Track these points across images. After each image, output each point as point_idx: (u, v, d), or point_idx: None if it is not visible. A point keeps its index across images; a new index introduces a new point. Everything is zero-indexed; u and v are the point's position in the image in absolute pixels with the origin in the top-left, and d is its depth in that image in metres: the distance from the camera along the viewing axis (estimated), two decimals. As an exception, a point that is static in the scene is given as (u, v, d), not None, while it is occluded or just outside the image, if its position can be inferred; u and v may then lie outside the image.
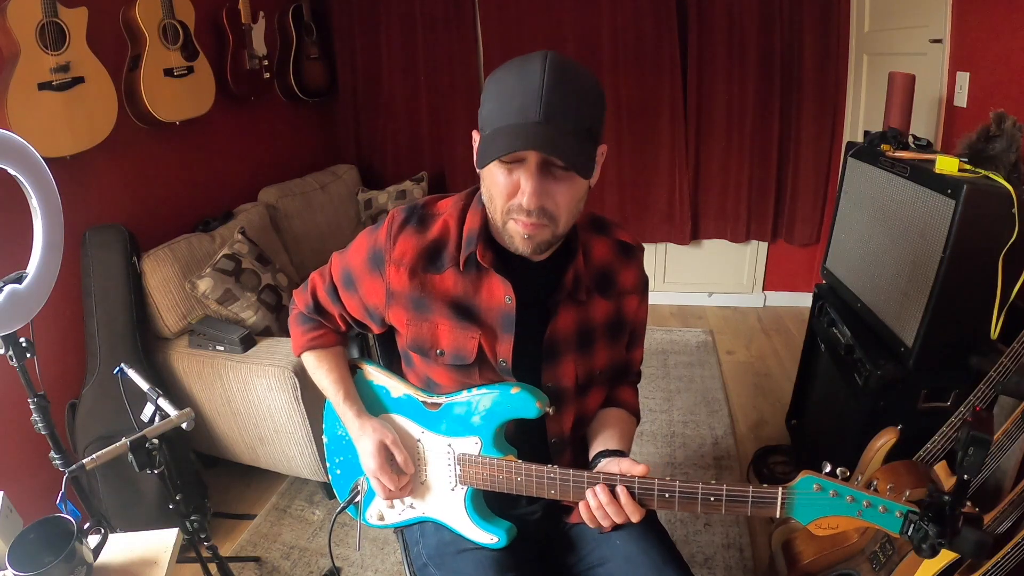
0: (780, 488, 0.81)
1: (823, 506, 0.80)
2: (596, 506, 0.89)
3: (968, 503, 0.75)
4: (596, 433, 1.06)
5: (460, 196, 1.02)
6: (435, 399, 1.04)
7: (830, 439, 1.88)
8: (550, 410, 0.96)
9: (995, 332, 1.36)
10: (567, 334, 1.01)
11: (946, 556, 1.10)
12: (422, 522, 1.11)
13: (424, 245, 0.98)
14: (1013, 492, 1.14)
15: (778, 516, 0.82)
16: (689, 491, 0.85)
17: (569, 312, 1.00)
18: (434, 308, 0.99)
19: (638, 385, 1.20)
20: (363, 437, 1.05)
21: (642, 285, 1.08)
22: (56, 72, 1.78)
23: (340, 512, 1.16)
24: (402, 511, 1.12)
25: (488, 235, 0.97)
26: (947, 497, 0.74)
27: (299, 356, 1.17)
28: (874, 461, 1.35)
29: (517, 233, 0.88)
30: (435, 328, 0.99)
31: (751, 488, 0.83)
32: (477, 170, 0.91)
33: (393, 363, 1.18)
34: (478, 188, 0.99)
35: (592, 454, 1.02)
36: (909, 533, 0.76)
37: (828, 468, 0.80)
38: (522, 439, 1.03)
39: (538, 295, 0.99)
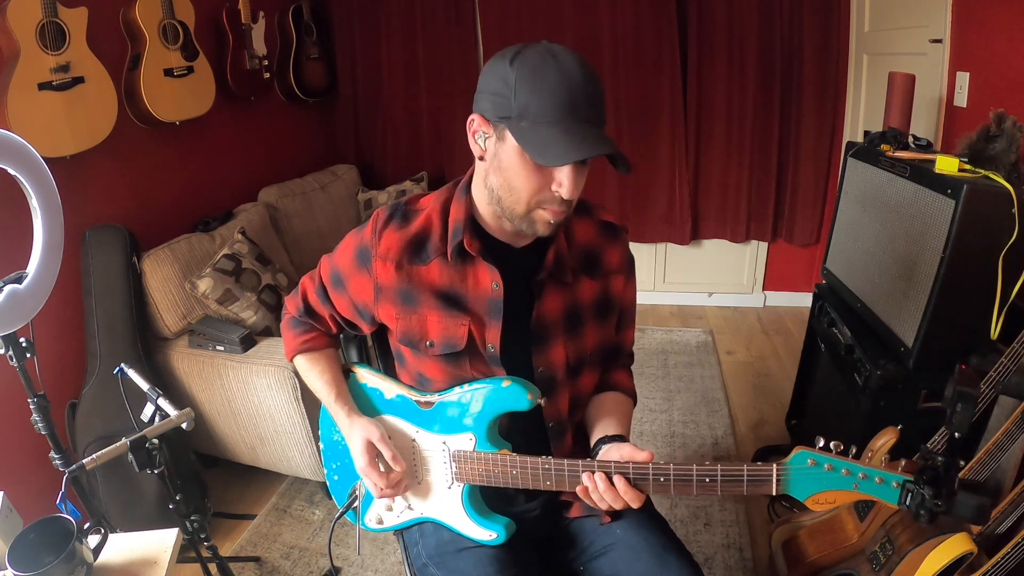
0: (775, 464, 0.81)
1: (819, 481, 0.80)
2: (593, 490, 0.90)
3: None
4: (595, 419, 1.07)
5: (441, 191, 1.03)
6: (428, 398, 1.04)
7: (830, 439, 1.87)
8: (541, 401, 0.97)
9: (995, 332, 1.36)
10: (555, 316, 1.02)
11: (946, 555, 1.10)
12: (421, 523, 1.12)
13: (408, 238, 1.00)
14: (1013, 492, 1.14)
15: (774, 493, 0.82)
16: (684, 473, 0.86)
17: (556, 294, 1.02)
18: (422, 300, 1.00)
19: (632, 367, 1.21)
20: (352, 435, 1.06)
21: (628, 265, 1.10)
22: (56, 72, 1.78)
23: (339, 517, 1.17)
24: (400, 513, 1.12)
25: (474, 224, 0.99)
26: (940, 458, 0.74)
27: (291, 360, 1.18)
28: (874, 461, 1.35)
29: (543, 220, 0.91)
30: (424, 320, 1.00)
31: (746, 466, 0.83)
32: (480, 157, 0.92)
33: (389, 365, 1.18)
34: (459, 181, 1.02)
35: (593, 441, 1.03)
36: (907, 503, 0.76)
37: (821, 443, 0.81)
38: (519, 427, 1.03)
39: (522, 278, 1.00)
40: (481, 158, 0.94)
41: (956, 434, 0.76)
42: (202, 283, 2.08)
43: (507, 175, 0.89)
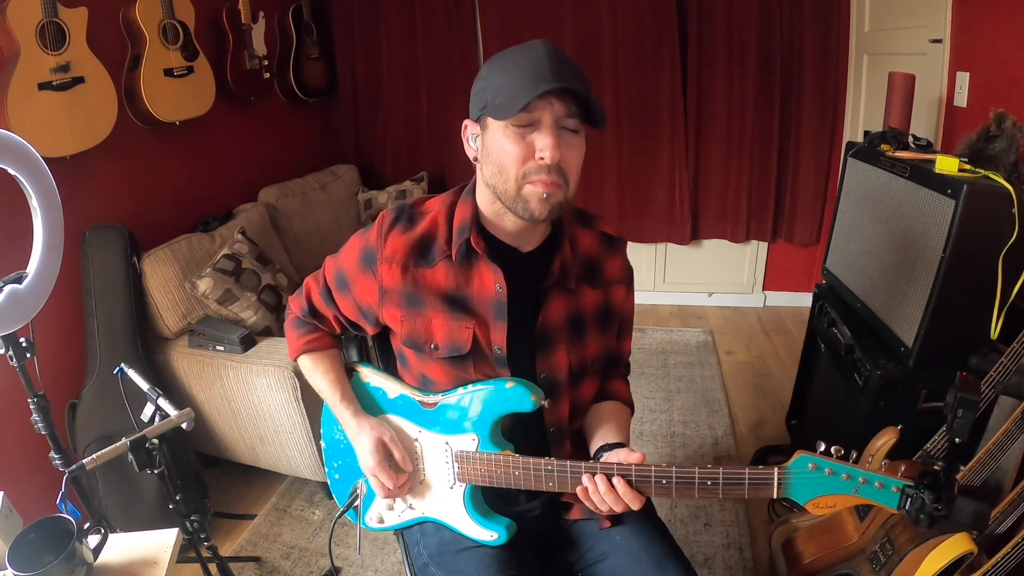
0: (776, 468, 0.82)
1: (820, 485, 0.80)
2: (593, 491, 0.91)
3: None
4: (594, 428, 1.07)
5: (447, 194, 1.04)
6: (431, 398, 1.05)
7: (830, 439, 1.87)
8: (545, 403, 0.97)
9: (995, 332, 1.36)
10: (559, 322, 1.02)
11: (946, 555, 1.10)
12: (422, 522, 1.12)
13: (413, 240, 1.00)
14: (1013, 492, 1.14)
15: (775, 496, 0.83)
16: (686, 476, 0.86)
17: (560, 300, 1.02)
18: (427, 302, 1.00)
19: (629, 378, 1.22)
20: (360, 436, 1.06)
21: (628, 275, 1.12)
22: (56, 72, 1.78)
23: (340, 516, 1.16)
24: (401, 512, 1.12)
25: (479, 225, 1.00)
26: (940, 464, 0.74)
27: (295, 360, 1.18)
28: (874, 463, 1.35)
29: (535, 195, 0.90)
30: (429, 322, 1.00)
31: (747, 470, 0.83)
32: (474, 158, 0.96)
33: (390, 364, 1.18)
34: (464, 186, 1.03)
35: (593, 450, 1.03)
36: (907, 507, 0.77)
37: (823, 447, 0.81)
38: (520, 431, 1.03)
39: (528, 284, 1.01)
40: (475, 159, 0.97)
41: (957, 440, 0.76)
42: (202, 283, 2.08)
43: (494, 156, 0.91)
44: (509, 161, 0.89)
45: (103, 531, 1.07)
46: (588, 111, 0.90)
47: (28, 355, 1.31)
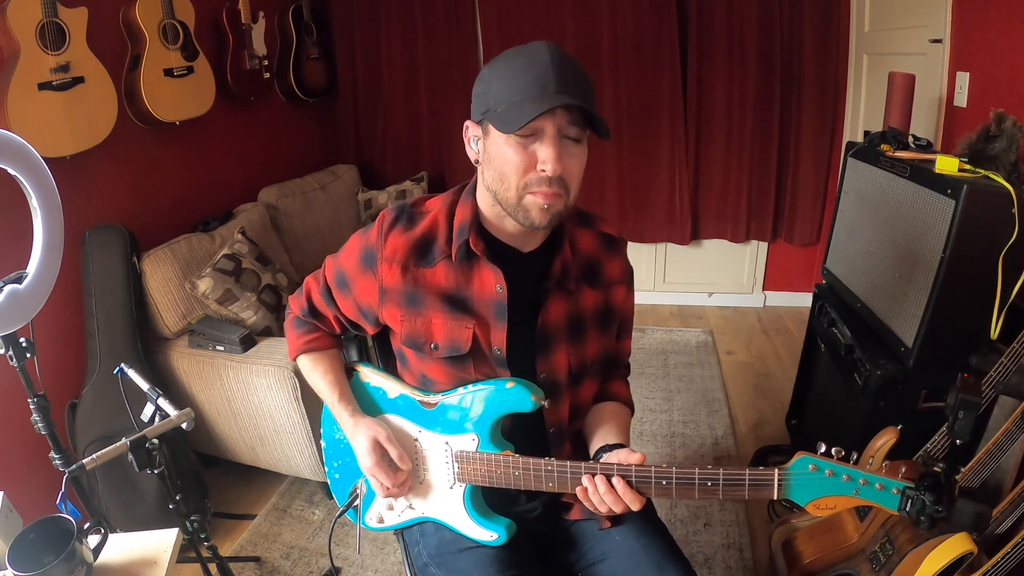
0: (776, 469, 0.82)
1: (820, 486, 0.81)
2: (593, 492, 0.91)
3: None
4: (594, 429, 1.07)
5: (448, 194, 1.04)
6: (431, 398, 1.05)
7: (830, 439, 1.87)
8: (545, 403, 0.97)
9: (995, 332, 1.36)
10: (559, 323, 1.02)
11: (946, 555, 1.10)
12: (422, 522, 1.12)
13: (414, 240, 1.00)
14: (1013, 492, 1.14)
15: (775, 497, 0.83)
16: (686, 476, 0.86)
17: (560, 301, 1.02)
18: (427, 302, 1.00)
19: (629, 378, 1.22)
20: (357, 435, 1.06)
21: (628, 275, 1.11)
22: (56, 72, 1.78)
23: (339, 516, 1.16)
24: (401, 512, 1.12)
25: (479, 225, 0.99)
26: (941, 466, 0.74)
27: (294, 360, 1.18)
28: (875, 463, 1.35)
29: (535, 205, 0.90)
30: (429, 322, 1.00)
31: (747, 471, 0.84)
32: (475, 161, 0.95)
33: (390, 364, 1.18)
34: (465, 185, 1.03)
35: (593, 450, 1.03)
36: (907, 509, 0.77)
37: (823, 448, 0.81)
38: (520, 432, 1.03)
39: (528, 285, 1.01)
40: (477, 161, 0.96)
41: (958, 441, 0.76)
42: (202, 283, 2.08)
43: (495, 164, 0.91)
44: (511, 170, 0.89)
45: (103, 531, 1.07)
46: (592, 117, 0.89)
47: (28, 355, 1.30)
